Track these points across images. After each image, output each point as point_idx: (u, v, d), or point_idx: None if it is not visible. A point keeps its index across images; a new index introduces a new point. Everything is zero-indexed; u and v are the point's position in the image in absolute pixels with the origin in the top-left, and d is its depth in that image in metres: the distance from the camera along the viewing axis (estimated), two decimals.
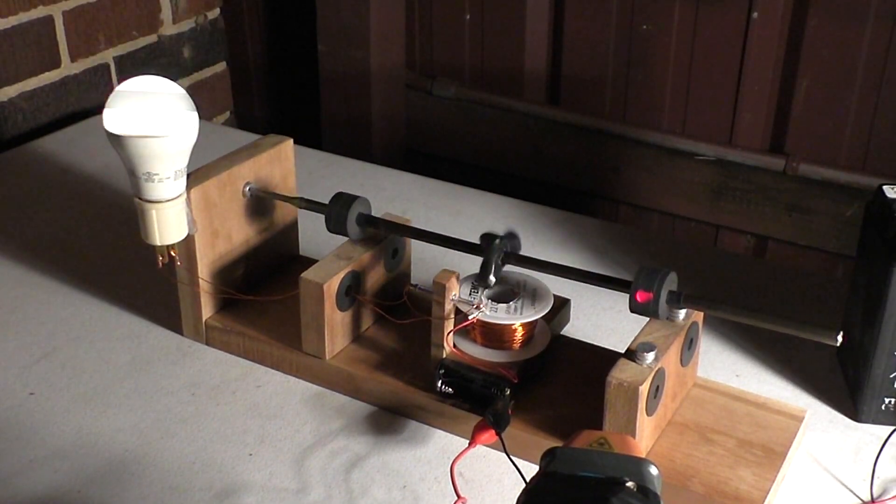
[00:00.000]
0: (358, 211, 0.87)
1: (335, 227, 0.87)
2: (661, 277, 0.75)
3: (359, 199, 0.87)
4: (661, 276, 0.75)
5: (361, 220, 0.87)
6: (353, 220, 0.86)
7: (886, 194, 0.82)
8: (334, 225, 0.87)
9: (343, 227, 0.86)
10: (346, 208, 0.86)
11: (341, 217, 0.86)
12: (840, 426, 0.85)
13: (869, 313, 0.83)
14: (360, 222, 0.87)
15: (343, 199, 0.87)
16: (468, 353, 0.83)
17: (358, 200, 0.87)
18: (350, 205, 0.86)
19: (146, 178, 0.80)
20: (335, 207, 0.87)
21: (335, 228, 0.87)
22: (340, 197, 0.87)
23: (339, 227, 0.87)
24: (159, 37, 1.58)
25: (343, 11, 1.51)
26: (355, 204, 0.87)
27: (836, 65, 1.29)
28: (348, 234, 0.87)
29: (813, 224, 1.36)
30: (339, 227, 0.86)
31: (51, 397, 0.88)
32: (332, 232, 0.87)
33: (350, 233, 0.87)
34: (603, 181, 1.50)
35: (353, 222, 0.87)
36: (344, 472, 0.80)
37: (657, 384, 0.75)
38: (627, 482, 0.54)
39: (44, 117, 1.44)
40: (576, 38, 1.45)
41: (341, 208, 0.86)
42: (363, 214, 0.87)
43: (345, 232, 0.87)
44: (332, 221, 0.87)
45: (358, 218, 0.87)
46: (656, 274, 0.75)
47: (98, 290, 1.03)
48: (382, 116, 1.58)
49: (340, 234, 0.87)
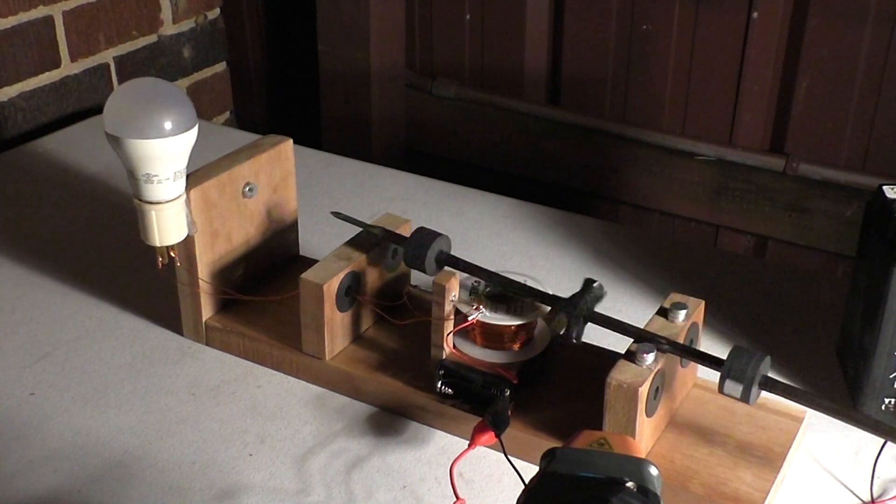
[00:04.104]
0: (438, 249, 0.85)
1: (413, 262, 0.85)
2: (753, 364, 0.72)
3: (441, 236, 0.86)
4: (754, 362, 0.72)
5: (441, 259, 0.86)
6: (431, 257, 0.85)
7: (886, 194, 0.82)
8: (412, 260, 0.85)
9: (422, 263, 0.85)
10: (426, 246, 0.85)
11: (420, 254, 0.85)
12: (840, 426, 0.85)
13: (869, 313, 0.83)
14: (438, 260, 0.86)
15: (424, 234, 0.86)
16: (468, 354, 0.83)
17: (439, 238, 0.85)
18: (430, 243, 0.85)
19: (146, 179, 0.80)
20: (415, 243, 0.85)
21: (413, 263, 0.86)
22: (421, 232, 0.86)
23: (418, 264, 0.85)
24: (159, 37, 1.58)
25: (343, 11, 1.51)
26: (436, 242, 0.85)
27: (836, 65, 1.29)
28: (426, 271, 0.85)
29: (813, 224, 1.36)
30: (418, 263, 0.85)
31: (51, 397, 0.88)
32: (410, 266, 0.86)
33: (428, 270, 0.85)
34: (603, 181, 1.50)
35: (432, 260, 0.85)
36: (344, 472, 0.80)
37: (657, 385, 0.75)
38: (627, 482, 0.54)
39: (44, 117, 1.44)
40: (576, 38, 1.45)
41: (421, 245, 0.85)
42: (443, 252, 0.86)
43: (423, 268, 0.85)
44: (411, 256, 0.85)
45: (438, 256, 0.86)
46: (749, 360, 0.72)
47: (98, 290, 1.03)
48: (382, 116, 1.58)
49: (418, 269, 0.86)
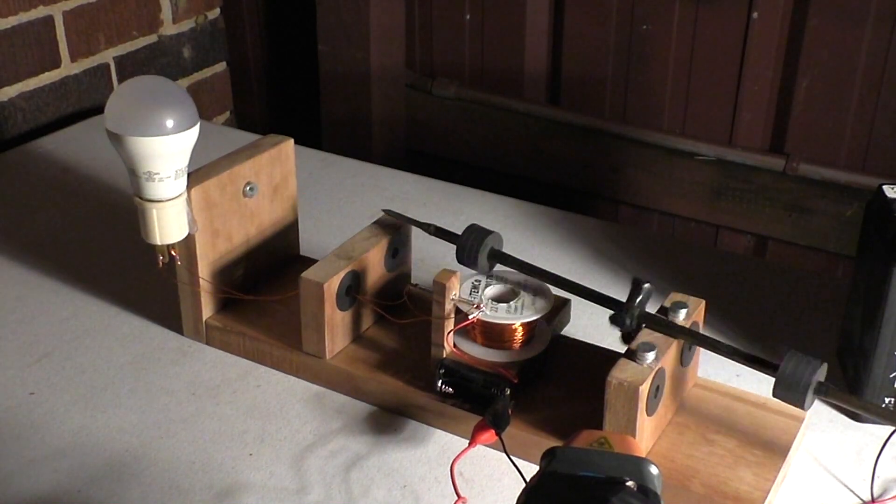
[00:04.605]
0: (490, 246, 0.86)
1: (467, 259, 0.86)
2: (810, 371, 0.72)
3: (492, 234, 0.86)
4: (810, 368, 0.72)
5: (493, 255, 0.86)
6: (484, 254, 0.86)
7: (886, 194, 0.82)
8: (466, 257, 0.86)
9: (474, 261, 0.85)
10: (479, 242, 0.85)
11: (473, 250, 0.85)
12: (840, 426, 0.85)
13: (869, 313, 0.83)
14: (490, 257, 0.86)
15: (476, 232, 0.86)
16: (468, 353, 0.83)
17: (491, 235, 0.86)
18: (483, 239, 0.85)
19: (147, 177, 0.80)
20: (468, 240, 0.86)
21: (467, 261, 0.86)
22: (473, 230, 0.86)
23: (471, 261, 0.86)
24: (159, 37, 1.58)
25: (343, 11, 1.51)
26: (488, 239, 0.86)
27: (836, 65, 1.29)
28: (478, 268, 0.86)
29: (813, 224, 1.36)
30: (471, 260, 0.86)
31: (51, 397, 0.88)
32: (461, 263, 0.86)
33: (480, 267, 0.86)
34: (603, 181, 1.50)
35: (485, 256, 0.86)
36: (344, 471, 0.80)
37: (657, 384, 0.75)
38: (628, 482, 0.54)
39: (44, 117, 1.44)
40: (576, 38, 1.45)
41: (474, 242, 0.85)
42: (494, 250, 0.86)
43: (475, 265, 0.86)
44: (465, 254, 0.86)
45: (490, 253, 0.86)
46: (806, 367, 0.72)
47: (98, 290, 1.03)
48: (382, 116, 1.58)
49: (470, 266, 0.86)
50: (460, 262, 0.86)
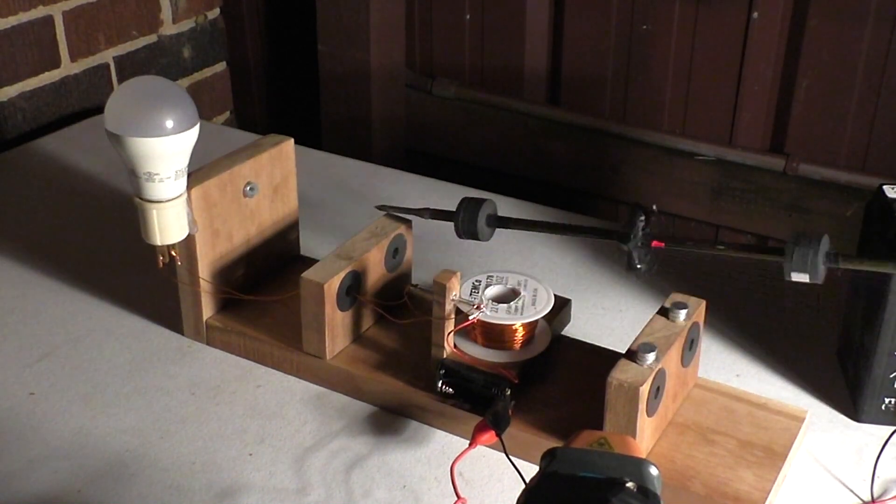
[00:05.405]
0: (486, 213, 0.86)
1: (466, 232, 0.86)
2: (816, 241, 0.73)
3: (486, 201, 0.86)
4: (816, 240, 0.73)
5: (492, 222, 0.86)
6: (482, 223, 0.86)
7: (886, 194, 0.82)
8: (465, 230, 0.85)
9: (474, 231, 0.85)
10: (475, 213, 0.85)
11: (472, 222, 0.85)
12: (840, 426, 0.85)
13: (869, 313, 0.83)
14: (490, 224, 0.86)
15: (470, 202, 0.86)
16: (469, 354, 0.83)
17: (486, 203, 0.86)
18: (479, 207, 0.85)
19: (147, 177, 0.80)
20: (464, 213, 0.86)
21: (466, 233, 0.86)
22: (467, 202, 0.86)
23: (471, 232, 0.85)
24: (159, 37, 1.58)
25: (343, 11, 1.51)
26: (484, 206, 0.86)
27: (836, 65, 1.29)
28: (479, 237, 0.85)
29: (813, 224, 1.36)
30: (471, 231, 0.85)
31: (51, 397, 0.88)
32: (462, 237, 0.86)
33: (481, 236, 0.85)
34: (603, 181, 1.50)
35: (484, 225, 0.86)
36: (344, 472, 0.80)
37: (658, 385, 0.75)
38: (627, 482, 0.54)
39: (44, 117, 1.44)
40: (576, 38, 1.45)
41: (471, 213, 0.85)
42: (492, 216, 0.86)
43: (476, 236, 0.85)
44: (463, 227, 0.85)
45: (488, 220, 0.86)
46: (811, 239, 0.73)
47: (98, 290, 1.02)
48: (382, 116, 1.58)
49: (472, 238, 0.86)
50: (460, 235, 0.86)
